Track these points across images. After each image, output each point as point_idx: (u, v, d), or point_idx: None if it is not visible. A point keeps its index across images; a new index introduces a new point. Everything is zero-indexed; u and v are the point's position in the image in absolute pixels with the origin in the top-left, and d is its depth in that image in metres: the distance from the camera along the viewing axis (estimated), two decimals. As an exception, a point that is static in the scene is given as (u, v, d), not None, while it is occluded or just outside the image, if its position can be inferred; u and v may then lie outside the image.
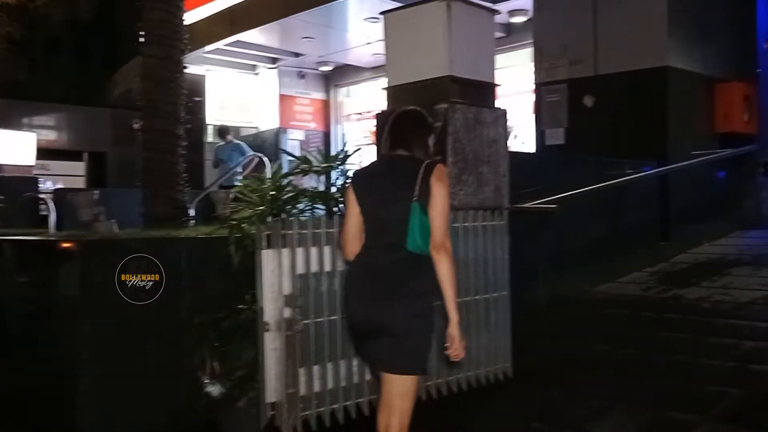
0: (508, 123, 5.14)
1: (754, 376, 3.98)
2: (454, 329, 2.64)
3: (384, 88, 4.95)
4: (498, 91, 5.20)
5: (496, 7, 6.97)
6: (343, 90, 14.32)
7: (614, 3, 7.90)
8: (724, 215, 8.32)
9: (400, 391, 2.68)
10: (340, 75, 14.01)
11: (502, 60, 10.29)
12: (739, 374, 4.02)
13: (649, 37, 7.71)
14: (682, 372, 4.19)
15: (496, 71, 5.03)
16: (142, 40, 5.72)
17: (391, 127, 2.88)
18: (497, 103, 5.11)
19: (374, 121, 5.28)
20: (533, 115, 8.68)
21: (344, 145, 7.29)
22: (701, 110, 8.21)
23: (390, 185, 2.74)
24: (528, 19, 9.11)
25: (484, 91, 4.82)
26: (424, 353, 2.71)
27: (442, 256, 2.63)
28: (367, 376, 3.74)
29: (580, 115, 8.09)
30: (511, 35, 9.99)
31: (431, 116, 3.10)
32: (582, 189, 6.13)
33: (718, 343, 4.54)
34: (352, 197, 2.82)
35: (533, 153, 8.37)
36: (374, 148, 5.11)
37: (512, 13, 9.32)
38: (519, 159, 6.77)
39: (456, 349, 2.64)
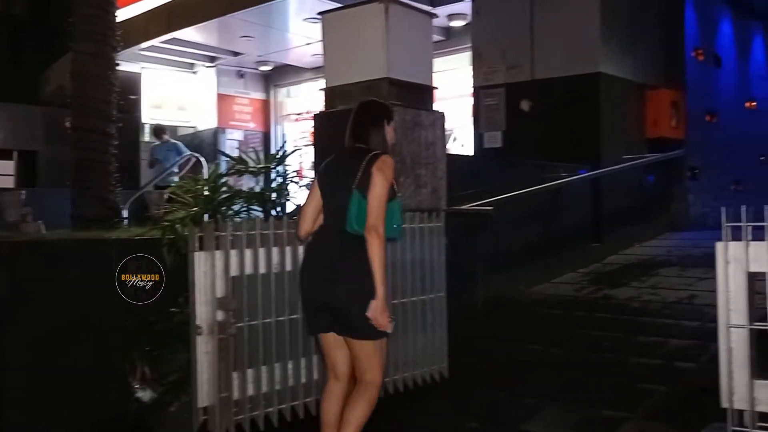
0: (447, 126, 5.19)
1: (679, 374, 4.12)
2: (378, 301, 2.82)
3: (321, 89, 4.93)
4: (437, 94, 5.25)
5: (435, 10, 7.06)
6: (283, 90, 14.20)
7: (550, 9, 8.08)
8: (654, 217, 8.61)
9: (360, 354, 2.94)
10: (280, 75, 13.88)
11: (441, 63, 10.40)
12: (666, 372, 4.16)
13: (582, 44, 7.91)
14: (613, 370, 4.31)
15: (435, 74, 5.08)
16: (73, 36, 5.55)
17: (352, 120, 3.09)
18: (436, 106, 5.16)
19: (312, 122, 5.25)
20: (472, 119, 8.79)
21: (283, 145, 7.22)
22: (632, 116, 8.47)
23: (340, 175, 2.98)
24: (467, 24, 9.23)
25: (422, 93, 4.86)
26: (363, 324, 2.87)
27: (372, 237, 2.84)
28: (303, 379, 3.72)
29: (518, 119, 8.24)
30: (450, 39, 10.11)
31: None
32: (518, 191, 6.24)
33: (646, 341, 4.69)
34: (315, 184, 3.13)
35: (472, 156, 8.48)
36: (312, 148, 5.09)
37: (451, 17, 9.42)
38: (457, 161, 6.86)
39: (377, 318, 2.83)
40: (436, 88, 5.06)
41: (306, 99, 13.55)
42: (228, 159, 4.65)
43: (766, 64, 11.09)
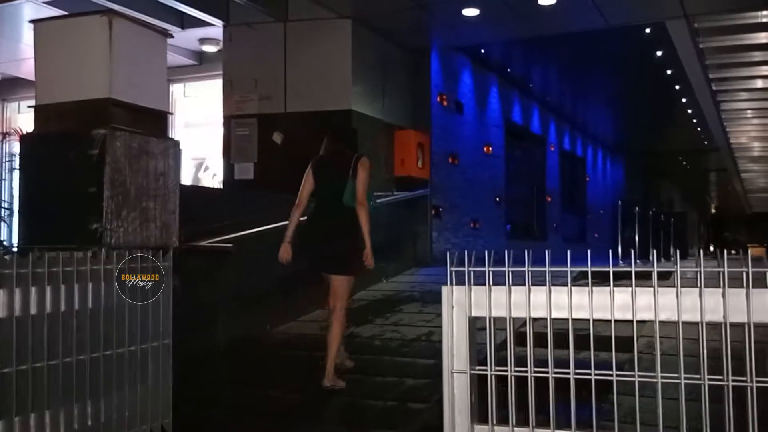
0: (201, 155, 4.81)
1: (411, 415, 4.09)
2: (368, 249, 4.51)
3: (31, 106, 4.27)
4: (188, 120, 4.84)
5: (186, 33, 6.66)
6: (13, 105, 12.61)
7: (303, 44, 8.06)
8: (401, 254, 8.89)
9: (339, 285, 4.62)
10: (10, 88, 12.31)
11: (193, 89, 9.93)
12: (399, 414, 4.11)
13: (335, 81, 7.99)
14: (348, 415, 4.19)
15: (186, 100, 4.68)
16: None
17: (332, 134, 4.85)
18: (177, 134, 4.75)
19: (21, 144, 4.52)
20: (223, 149, 8.42)
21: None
22: (382, 154, 8.71)
23: (334, 168, 4.59)
24: (219, 50, 8.90)
25: (153, 118, 4.41)
26: (351, 266, 4.62)
27: (360, 208, 4.48)
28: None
29: (271, 151, 8.05)
30: (203, 64, 9.67)
31: (88, 142, 2.73)
32: (266, 226, 5.99)
33: (384, 382, 4.65)
34: (310, 174, 4.65)
35: (220, 188, 8.10)
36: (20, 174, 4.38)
37: (203, 41, 9.02)
38: (204, 194, 6.46)
39: (368, 259, 4.54)
40: (170, 113, 4.66)
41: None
42: None
43: (500, 113, 12.18)
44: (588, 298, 2.25)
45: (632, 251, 2.19)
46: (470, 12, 8.18)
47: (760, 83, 13.38)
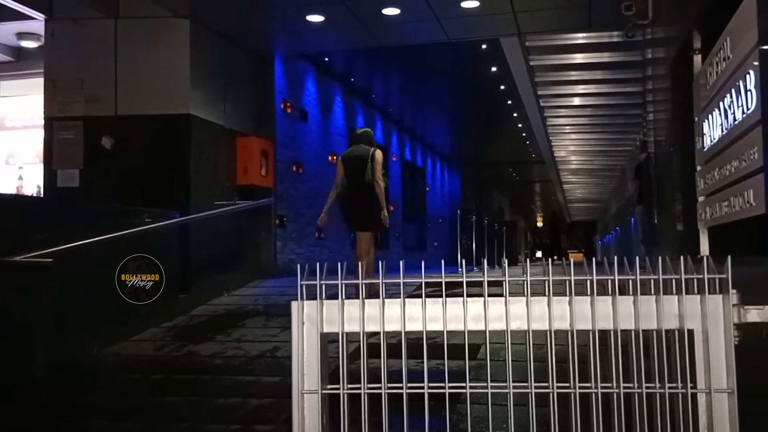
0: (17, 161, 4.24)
1: (257, 438, 3.86)
2: (384, 211, 6.68)
3: None
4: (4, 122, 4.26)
5: (3, 26, 5.95)
6: None
7: (136, 43, 7.55)
8: (244, 265, 8.56)
9: (364, 238, 6.82)
10: None
11: (11, 87, 9.01)
12: (244, 437, 3.86)
13: (172, 84, 7.56)
14: (187, 442, 3.86)
15: (2, 99, 4.10)
16: None
17: (354, 138, 7.29)
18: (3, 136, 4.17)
19: None
20: (44, 154, 7.66)
21: None
22: (224, 161, 8.36)
23: (358, 159, 6.78)
24: (41, 45, 8.09)
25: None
26: (376, 225, 6.80)
27: (377, 182, 6.65)
28: None
29: (99, 157, 7.44)
30: (21, 60, 8.76)
31: None
32: (93, 239, 5.48)
33: (226, 404, 4.36)
34: (341, 165, 6.96)
35: (41, 197, 7.35)
36: None
37: (21, 35, 8.16)
38: (21, 203, 5.83)
39: (385, 220, 6.74)
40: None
41: None
42: None
43: (344, 122, 12.18)
44: (442, 309, 2.17)
45: (471, 258, 2.14)
46: (315, 18, 8.06)
47: (577, 101, 14.46)
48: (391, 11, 7.83)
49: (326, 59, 10.86)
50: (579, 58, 11.46)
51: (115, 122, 7.45)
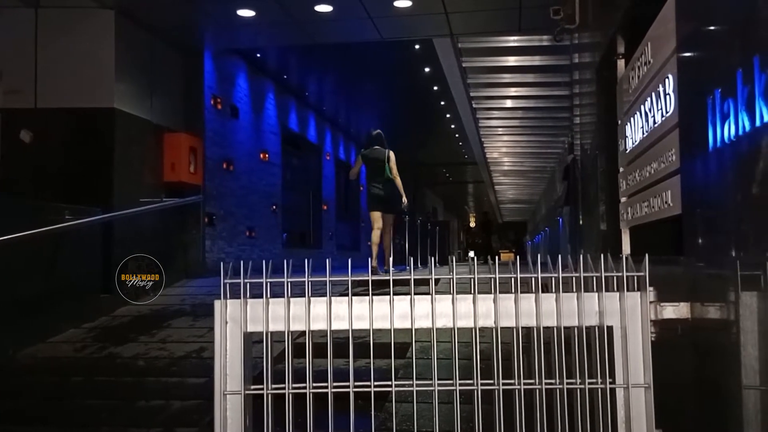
0: None
1: (180, 441, 3.75)
2: (404, 197, 8.26)
3: None
4: None
5: None
6: None
7: (58, 33, 7.26)
8: (171, 264, 8.31)
9: (387, 219, 8.04)
10: None
11: None
12: (166, 441, 3.75)
13: (95, 76, 7.31)
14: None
15: None
16: None
17: (371, 137, 8.15)
18: None
19: None
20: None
21: None
22: (150, 158, 8.12)
23: (375, 158, 7.96)
24: (-46, 33, 7.68)
25: None
26: (397, 209, 8.34)
27: (395, 177, 7.97)
28: None
29: (17, 151, 7.11)
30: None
31: None
32: (7, 236, 5.22)
33: (148, 406, 4.23)
34: (360, 159, 8.24)
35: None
36: None
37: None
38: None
39: (406, 202, 8.37)
40: None
41: None
42: None
43: (276, 120, 12.03)
44: (368, 308, 2.15)
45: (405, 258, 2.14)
46: (245, 13, 7.92)
47: (509, 103, 14.72)
48: (323, 8, 7.77)
49: (258, 55, 10.69)
50: (511, 60, 11.66)
51: (35, 115, 7.14)
